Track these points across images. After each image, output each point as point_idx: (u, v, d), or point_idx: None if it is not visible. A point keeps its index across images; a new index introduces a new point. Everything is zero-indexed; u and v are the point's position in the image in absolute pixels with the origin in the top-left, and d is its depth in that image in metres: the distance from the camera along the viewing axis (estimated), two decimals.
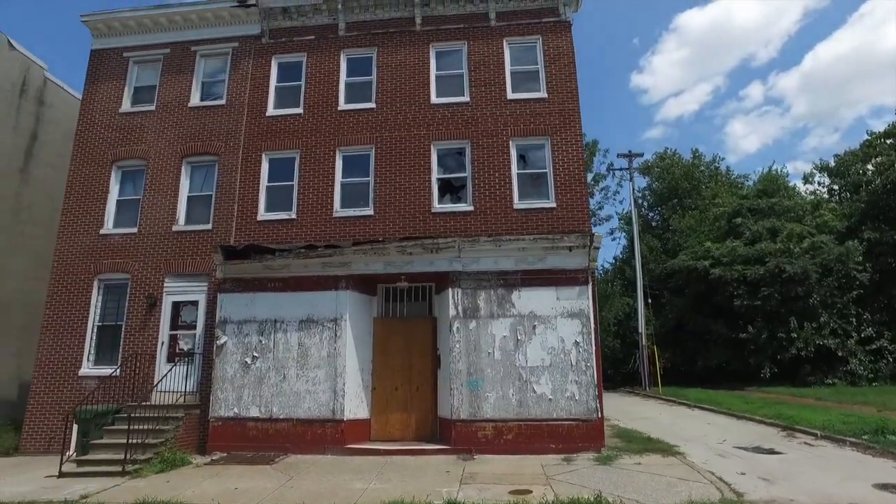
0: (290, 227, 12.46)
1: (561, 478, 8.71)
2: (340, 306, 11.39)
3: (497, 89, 12.90)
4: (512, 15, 13.35)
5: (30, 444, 12.01)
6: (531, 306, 11.12)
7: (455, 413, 10.68)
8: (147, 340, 12.29)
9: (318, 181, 12.67)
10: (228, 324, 11.56)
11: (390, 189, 12.47)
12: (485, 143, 12.58)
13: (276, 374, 11.23)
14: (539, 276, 11.22)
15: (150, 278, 12.61)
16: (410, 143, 12.70)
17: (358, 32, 13.67)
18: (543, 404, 10.67)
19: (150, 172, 13.31)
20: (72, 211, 13.33)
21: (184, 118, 13.57)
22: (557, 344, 10.92)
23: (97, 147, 13.68)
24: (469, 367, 10.90)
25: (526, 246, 11.22)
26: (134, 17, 14.06)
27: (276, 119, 13.26)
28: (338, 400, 10.98)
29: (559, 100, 12.66)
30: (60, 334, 12.59)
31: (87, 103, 14.04)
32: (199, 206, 13.09)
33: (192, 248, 12.66)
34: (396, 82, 13.18)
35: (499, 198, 12.24)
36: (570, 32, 13.13)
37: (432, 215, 12.26)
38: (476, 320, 11.13)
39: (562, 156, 12.32)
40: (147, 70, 14.27)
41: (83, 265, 12.92)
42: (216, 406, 11.22)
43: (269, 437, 10.97)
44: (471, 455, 10.30)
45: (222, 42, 13.99)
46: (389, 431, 11.51)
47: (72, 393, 12.23)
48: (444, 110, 12.89)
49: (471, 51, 13.25)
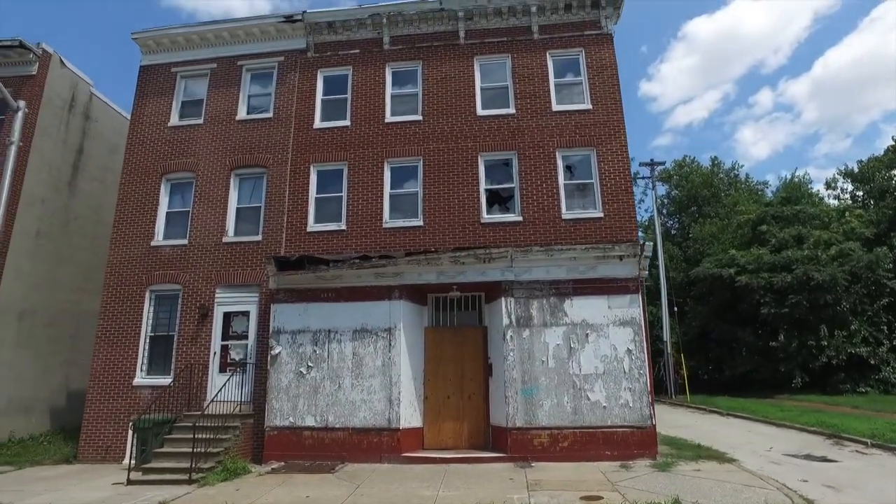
0: (340, 238, 12.66)
1: (626, 484, 8.79)
2: (394, 316, 11.54)
3: (542, 101, 13.12)
4: (554, 28, 13.60)
5: (88, 452, 12.19)
6: (583, 315, 11.25)
7: (510, 421, 10.79)
8: (199, 351, 12.47)
9: (366, 192, 12.88)
10: (282, 334, 11.73)
11: (439, 200, 12.67)
12: (531, 154, 12.78)
13: (331, 384, 11.37)
14: (590, 284, 11.36)
15: (201, 289, 12.81)
16: (458, 154, 12.91)
17: (402, 46, 13.94)
18: (598, 412, 10.76)
19: (198, 184, 13.56)
20: (123, 223, 13.59)
21: (231, 131, 13.84)
22: (610, 352, 11.03)
23: (147, 160, 13.95)
24: (523, 376, 11.02)
25: (577, 255, 11.37)
26: (182, 34, 14.38)
27: (323, 131, 13.51)
28: (393, 409, 11.10)
29: (604, 111, 12.86)
30: (114, 344, 12.79)
31: (137, 117, 14.34)
32: (248, 217, 13.32)
33: (242, 259, 12.87)
34: (442, 95, 13.43)
35: (547, 208, 12.41)
36: (612, 45, 13.36)
37: (481, 226, 12.44)
38: (529, 329, 11.26)
39: (608, 166, 12.50)
40: (194, 84, 14.57)
41: (135, 276, 13.14)
42: (271, 415, 11.36)
43: (325, 447, 11.09)
44: (528, 463, 10.40)
45: (268, 56, 14.29)
46: (442, 440, 11.61)
47: (126, 402, 12.43)
48: (490, 122, 13.11)
49: (514, 63, 13.50)
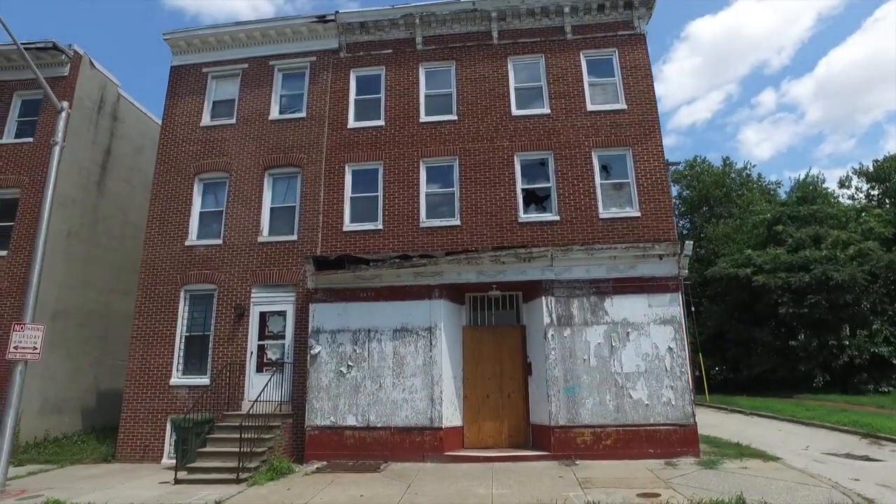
0: (377, 238, 12.66)
1: (678, 482, 8.80)
2: (434, 315, 11.55)
3: (576, 101, 13.16)
4: (587, 28, 13.65)
5: (126, 451, 12.15)
6: (623, 313, 11.27)
7: (553, 419, 10.79)
8: (236, 350, 12.45)
9: (402, 192, 12.89)
10: (321, 333, 11.72)
11: (475, 199, 12.69)
12: (567, 153, 12.81)
13: (371, 383, 11.36)
14: (630, 283, 11.39)
15: (236, 289, 12.80)
16: (494, 154, 12.94)
17: (435, 46, 13.97)
18: (640, 410, 10.78)
19: (232, 184, 13.56)
20: (156, 222, 13.57)
21: (264, 131, 13.85)
22: (651, 350, 11.05)
23: (179, 160, 13.95)
24: (565, 374, 11.03)
25: (617, 254, 11.39)
26: (214, 34, 14.39)
27: (357, 131, 13.52)
28: (435, 408, 11.11)
29: (638, 111, 12.90)
30: (150, 344, 12.76)
31: (169, 118, 14.34)
32: (282, 217, 13.31)
33: (277, 258, 12.86)
34: (476, 95, 13.45)
35: (584, 207, 12.44)
36: (645, 45, 13.42)
37: (519, 225, 12.46)
38: (570, 328, 11.28)
39: (643, 166, 12.54)
40: (225, 84, 14.58)
41: (169, 276, 13.13)
42: (312, 415, 11.35)
43: (367, 446, 11.08)
44: (571, 461, 10.41)
45: (300, 56, 14.31)
46: (482, 439, 11.62)
47: (163, 402, 12.40)
48: (525, 122, 13.14)
49: (548, 64, 13.53)
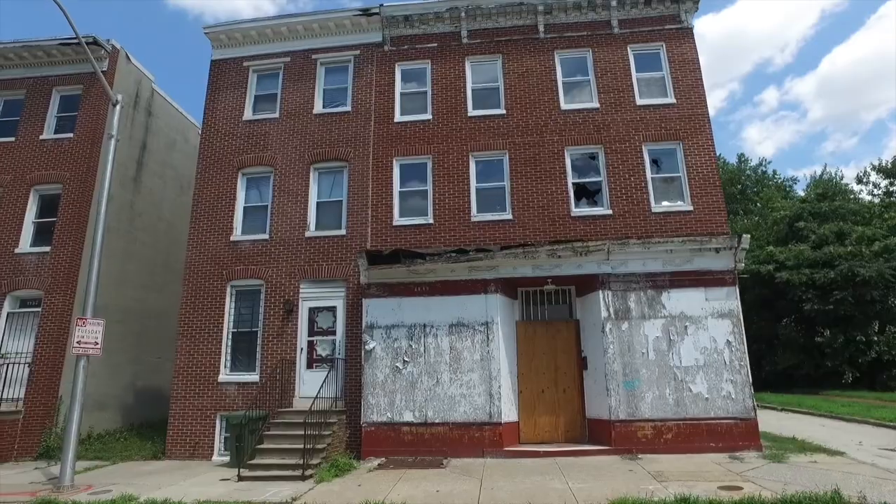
0: (427, 232, 12.58)
1: (752, 475, 8.75)
2: (490, 310, 11.48)
3: (625, 95, 13.11)
4: (634, 22, 13.59)
5: (175, 448, 12.03)
6: (681, 307, 11.23)
7: (613, 413, 10.73)
8: (285, 346, 12.34)
9: (452, 186, 12.81)
10: (376, 329, 11.62)
11: (526, 193, 12.63)
12: (617, 148, 12.76)
13: (428, 379, 11.28)
14: (686, 277, 11.34)
15: (284, 284, 12.69)
16: (544, 148, 12.87)
17: (481, 40, 13.89)
18: (700, 403, 10.73)
19: (277, 179, 13.44)
20: (200, 218, 13.45)
21: (309, 125, 13.73)
22: (710, 344, 11.01)
23: (222, 155, 13.83)
24: (624, 368, 10.98)
25: (674, 248, 11.34)
26: (255, 28, 14.27)
27: (404, 125, 13.43)
28: (494, 403, 11.03)
29: (688, 105, 12.86)
30: (196, 340, 12.64)
31: (210, 112, 14.21)
32: (329, 211, 13.21)
33: (325, 253, 12.76)
34: (524, 89, 13.38)
35: (636, 201, 12.40)
36: (692, 38, 13.37)
37: (571, 219, 12.41)
38: (628, 322, 11.22)
39: (694, 160, 12.50)
40: (267, 78, 14.46)
41: (215, 271, 13.00)
42: (368, 411, 11.25)
43: (425, 442, 10.99)
44: (634, 455, 10.35)
45: (343, 50, 14.20)
46: (538, 434, 11.56)
47: (212, 399, 12.28)
48: (574, 116, 13.08)
49: (596, 58, 13.48)
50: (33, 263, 13.67)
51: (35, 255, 13.73)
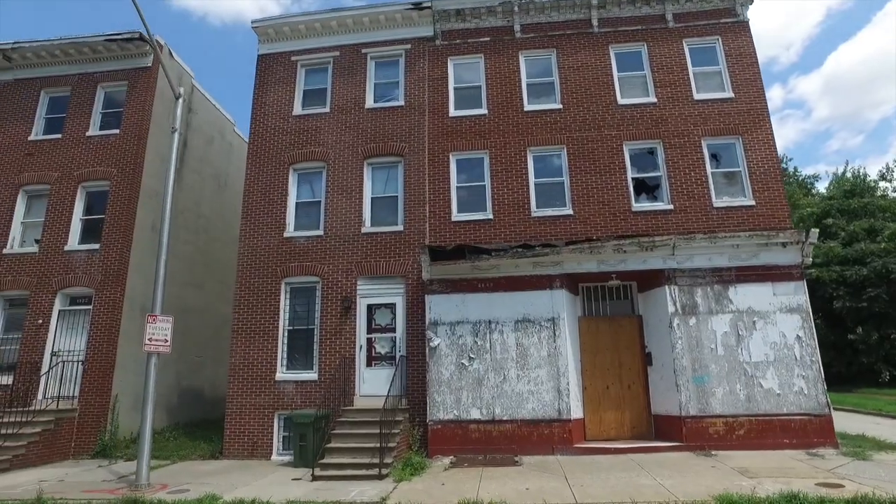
0: (487, 228, 12.47)
1: (842, 472, 8.64)
2: (556, 305, 11.37)
3: (682, 90, 13.02)
4: (689, 16, 13.50)
5: (233, 448, 11.89)
6: (748, 302, 11.12)
7: (684, 409, 10.63)
8: (343, 344, 12.20)
9: (510, 181, 12.70)
10: (440, 325, 11.50)
11: (585, 189, 12.52)
12: (676, 142, 12.66)
13: (495, 375, 11.16)
14: (753, 272, 11.24)
15: (340, 281, 12.55)
16: (602, 143, 12.77)
17: (534, 34, 13.78)
18: (772, 399, 10.63)
19: (330, 174, 13.30)
20: (251, 214, 13.31)
21: (361, 120, 13.59)
22: (779, 339, 10.90)
23: (273, 150, 13.68)
24: (693, 364, 10.88)
25: (740, 243, 11.24)
26: (304, 22, 14.12)
27: (459, 120, 13.31)
28: (562, 399, 10.92)
29: (746, 99, 12.77)
30: (252, 338, 12.50)
31: (259, 107, 14.06)
32: (384, 207, 13.08)
33: (382, 249, 12.62)
34: (579, 83, 13.28)
35: (697, 196, 12.30)
36: (749, 32, 13.29)
37: (632, 214, 12.31)
38: (695, 317, 11.12)
39: (755, 154, 12.41)
40: (315, 73, 14.32)
41: (269, 268, 12.86)
42: (434, 409, 11.12)
43: (492, 439, 10.87)
44: (706, 451, 10.26)
45: (394, 44, 14.06)
46: (604, 430, 11.45)
47: (270, 398, 12.14)
48: (631, 111, 12.98)
49: (651, 52, 13.38)
50: (83, 261, 13.51)
51: (84, 253, 13.57)
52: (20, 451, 10.99)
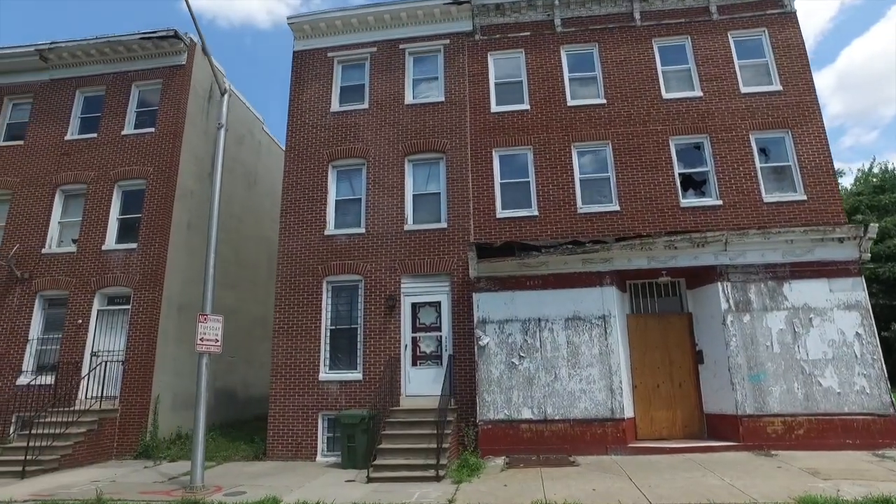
0: (532, 224, 12.28)
1: None
2: (607, 303, 11.17)
3: (728, 83, 12.79)
4: (733, 8, 13.26)
5: (277, 449, 11.75)
6: (804, 299, 10.89)
7: (740, 408, 10.41)
8: (387, 344, 12.04)
9: (555, 177, 12.51)
10: (488, 324, 11.32)
11: (632, 184, 12.32)
12: (723, 137, 12.44)
13: (546, 374, 10.97)
14: (808, 268, 11.01)
15: (384, 279, 12.39)
16: (647, 138, 12.56)
17: (575, 28, 13.57)
18: (831, 398, 10.39)
19: (370, 171, 13.14)
20: (291, 212, 13.17)
21: (401, 116, 13.43)
22: (837, 336, 10.66)
23: (311, 147, 13.54)
24: (748, 362, 10.65)
25: (795, 238, 11.00)
26: (341, 18, 13.97)
27: (501, 115, 13.13)
28: (615, 398, 10.73)
29: (796, 92, 12.53)
30: (293, 337, 12.35)
31: (296, 104, 13.92)
32: (426, 204, 12.90)
33: (426, 247, 12.45)
34: (623, 78, 13.07)
35: (746, 191, 12.08)
36: (796, 23, 13.04)
37: (680, 210, 12.10)
38: (749, 314, 10.90)
39: (805, 148, 12.17)
40: (352, 69, 14.17)
41: (310, 267, 12.71)
42: (484, 409, 10.95)
43: (544, 439, 10.69)
44: (766, 451, 10.04)
45: (432, 39, 13.89)
46: (655, 429, 11.25)
47: (313, 398, 11.99)
48: (676, 105, 12.76)
49: (695, 45, 13.16)
50: (120, 260, 13.41)
51: (122, 252, 13.48)
52: (67, 451, 10.91)
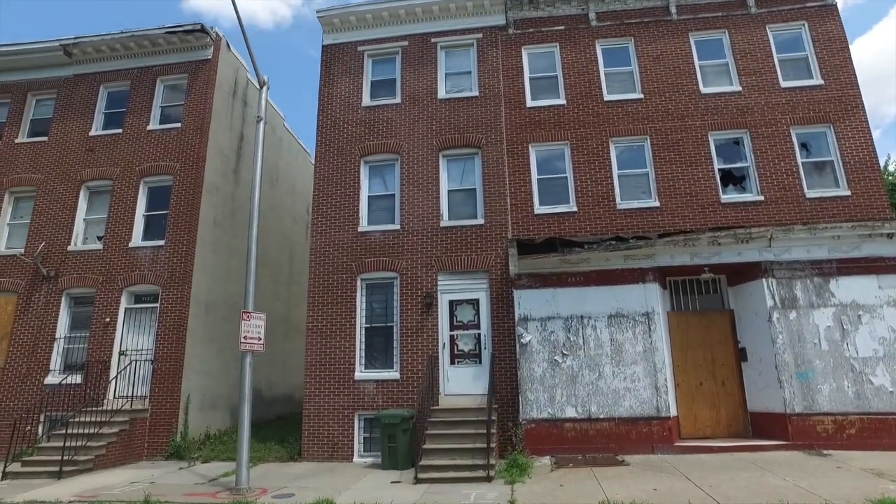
0: (571, 220, 12.10)
1: None
2: (650, 300, 10.99)
3: (767, 77, 12.62)
4: (772, 1, 13.10)
5: (312, 449, 11.50)
6: (852, 295, 10.72)
7: (789, 407, 10.23)
8: (425, 342, 11.81)
9: (593, 173, 12.33)
10: (530, 321, 11.13)
11: (671, 180, 12.15)
12: (763, 132, 12.28)
13: (590, 372, 10.78)
14: (855, 264, 10.84)
15: (420, 277, 12.17)
16: (686, 133, 12.39)
17: (610, 22, 13.39)
18: (884, 397, 10.21)
19: (404, 167, 12.91)
20: (322, 208, 12.93)
21: (434, 110, 13.20)
22: (888, 334, 10.48)
23: (343, 142, 13.30)
24: (795, 359, 10.48)
25: (842, 234, 10.84)
26: (371, 11, 13.74)
27: (537, 110, 12.94)
28: (661, 396, 10.54)
29: (837, 86, 12.38)
30: (328, 336, 12.11)
31: (326, 98, 13.68)
32: (461, 200, 12.69)
33: (463, 244, 12.22)
34: (659, 73, 12.90)
35: (787, 187, 11.92)
36: (837, 16, 12.88)
37: (721, 206, 11.92)
38: (796, 310, 10.72)
39: (848, 143, 12.02)
40: (382, 63, 13.94)
41: (343, 264, 12.48)
42: (527, 408, 10.75)
43: (589, 438, 10.50)
44: (817, 450, 9.86)
45: (465, 33, 13.67)
46: (699, 428, 11.07)
47: (349, 398, 11.75)
48: (715, 100, 12.59)
49: (733, 40, 12.99)
50: (148, 258, 13.16)
51: (149, 250, 13.23)
52: (101, 452, 10.69)
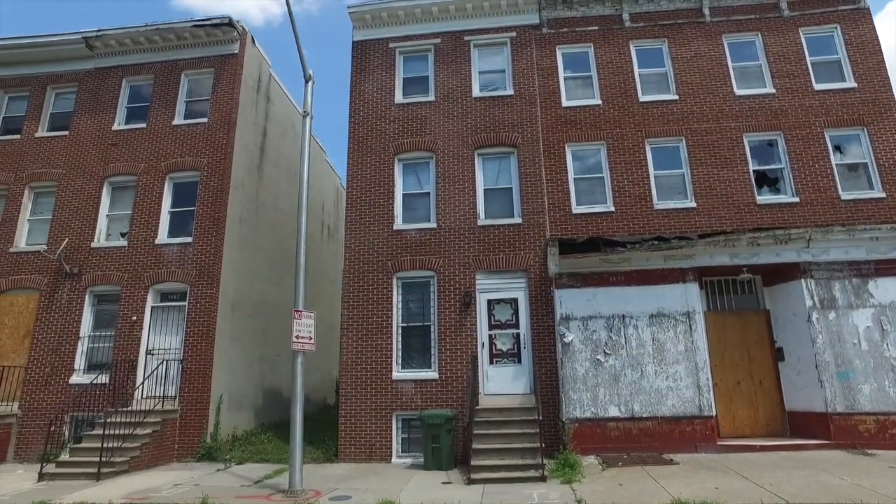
0: (608, 220, 12.09)
1: None
2: (690, 299, 11.04)
3: (801, 80, 12.75)
4: (804, 4, 13.23)
5: (350, 450, 11.34)
6: (891, 296, 10.85)
7: (830, 406, 10.33)
8: (463, 341, 11.71)
9: (630, 173, 12.35)
10: (571, 320, 11.10)
11: (707, 181, 12.22)
12: (798, 134, 12.40)
13: (632, 371, 10.79)
14: (893, 265, 11.00)
15: (458, 276, 12.07)
16: (721, 135, 12.47)
17: (644, 24, 13.42)
18: None
19: (439, 165, 12.80)
20: (356, 206, 12.77)
21: (469, 109, 13.11)
22: None
23: (376, 139, 13.15)
24: (836, 359, 10.59)
25: (881, 235, 10.98)
26: (403, 7, 13.61)
27: (573, 110, 12.92)
28: (703, 395, 10.59)
29: (870, 89, 12.55)
30: (364, 336, 11.96)
31: (357, 95, 13.52)
32: (497, 199, 12.61)
33: (500, 243, 12.15)
34: (694, 74, 12.96)
35: (822, 189, 12.05)
36: (870, 19, 13.04)
37: (756, 207, 12.01)
38: (835, 311, 10.84)
39: (882, 145, 12.18)
40: (414, 60, 13.81)
41: (379, 263, 12.33)
42: (570, 407, 10.72)
43: (632, 437, 10.51)
44: (861, 450, 9.97)
45: (498, 32, 13.60)
46: (738, 427, 11.15)
47: (387, 398, 11.61)
48: (749, 102, 12.69)
49: (766, 42, 13.10)
50: (175, 255, 12.88)
51: (176, 247, 12.94)
52: (136, 453, 10.44)
